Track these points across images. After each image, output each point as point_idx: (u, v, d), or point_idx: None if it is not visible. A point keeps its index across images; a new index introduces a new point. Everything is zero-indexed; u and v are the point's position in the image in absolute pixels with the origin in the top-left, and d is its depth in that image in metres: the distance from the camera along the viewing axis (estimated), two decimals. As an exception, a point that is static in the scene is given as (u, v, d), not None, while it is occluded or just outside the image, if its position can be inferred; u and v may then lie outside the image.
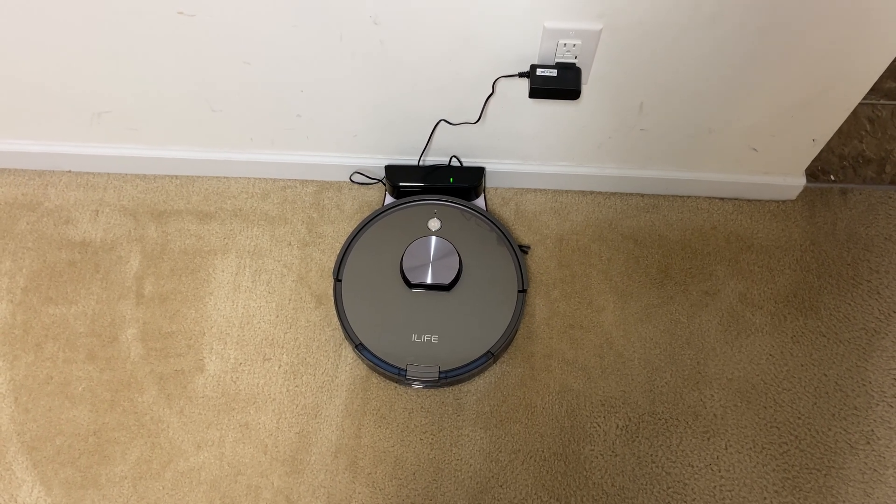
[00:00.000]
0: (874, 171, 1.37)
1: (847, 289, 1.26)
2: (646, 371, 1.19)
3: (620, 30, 0.96)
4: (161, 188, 1.35)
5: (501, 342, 1.13)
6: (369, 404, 1.17)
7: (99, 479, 1.12)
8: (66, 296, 1.25)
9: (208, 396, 1.18)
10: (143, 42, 1.04)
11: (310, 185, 1.35)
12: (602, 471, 1.12)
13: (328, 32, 1.00)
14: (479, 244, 1.19)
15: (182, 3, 0.96)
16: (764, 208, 1.33)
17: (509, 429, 1.15)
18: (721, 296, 1.25)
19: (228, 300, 1.25)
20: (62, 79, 1.13)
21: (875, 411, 1.16)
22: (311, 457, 1.14)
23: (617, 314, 1.24)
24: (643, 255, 1.29)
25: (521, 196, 1.34)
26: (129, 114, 1.22)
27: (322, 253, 1.29)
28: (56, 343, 1.22)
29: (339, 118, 1.19)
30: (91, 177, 1.36)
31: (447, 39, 0.99)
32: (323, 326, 1.23)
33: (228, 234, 1.31)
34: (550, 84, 1.01)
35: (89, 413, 1.16)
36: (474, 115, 1.15)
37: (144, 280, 1.27)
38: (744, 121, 1.14)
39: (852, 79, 1.04)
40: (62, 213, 1.33)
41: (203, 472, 1.13)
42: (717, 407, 1.17)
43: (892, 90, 1.44)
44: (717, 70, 1.03)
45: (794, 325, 1.23)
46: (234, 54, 1.05)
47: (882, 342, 1.21)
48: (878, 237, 1.30)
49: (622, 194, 1.34)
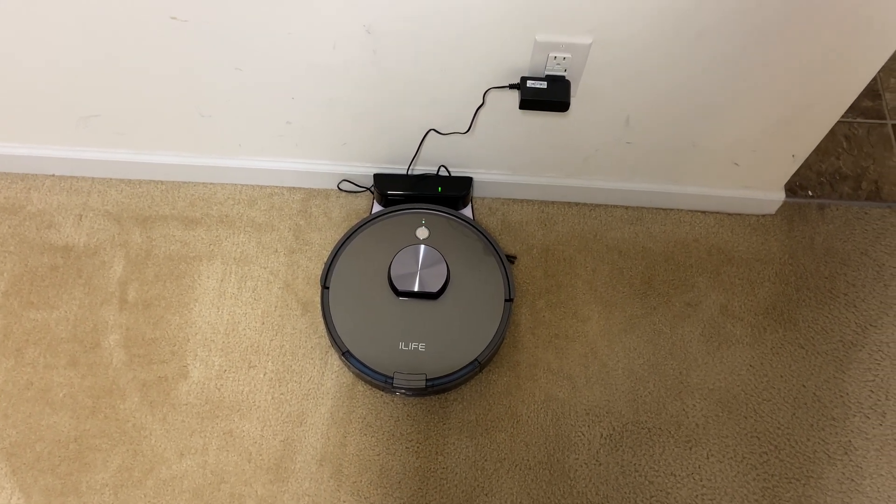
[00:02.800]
0: (850, 187, 1.40)
1: (825, 302, 1.28)
2: (629, 381, 1.21)
3: (610, 44, 0.98)
4: (146, 193, 1.34)
5: (488, 351, 1.13)
6: (355, 412, 1.17)
7: (79, 486, 1.10)
8: (47, 300, 1.24)
9: (192, 404, 1.17)
10: (135, 46, 1.04)
11: (297, 192, 1.35)
12: (586, 480, 1.13)
13: (321, 41, 1.00)
14: (467, 253, 1.20)
15: (176, 8, 0.96)
16: (744, 222, 1.36)
17: (494, 437, 1.16)
18: (703, 307, 1.27)
19: (214, 307, 1.25)
20: (51, 82, 1.12)
21: (852, 422, 1.18)
22: (295, 465, 1.13)
23: (601, 324, 1.25)
24: (627, 266, 1.31)
25: (508, 206, 1.36)
26: (117, 118, 1.21)
27: (309, 260, 1.29)
28: (37, 348, 1.20)
29: (329, 126, 1.20)
30: (75, 181, 1.35)
31: (439, 50, 1.01)
32: (309, 334, 1.23)
33: (214, 240, 1.30)
34: (540, 96, 1.02)
35: (70, 419, 1.15)
36: (464, 125, 1.16)
37: (128, 285, 1.26)
38: (727, 136, 1.17)
39: (832, 98, 1.07)
40: (45, 217, 1.31)
41: (186, 480, 1.11)
42: (698, 416, 1.18)
43: (869, 109, 1.49)
44: (702, 86, 1.05)
45: (774, 336, 1.25)
46: (226, 60, 1.06)
47: (858, 354, 1.24)
48: (855, 252, 1.33)
49: (607, 206, 1.36)
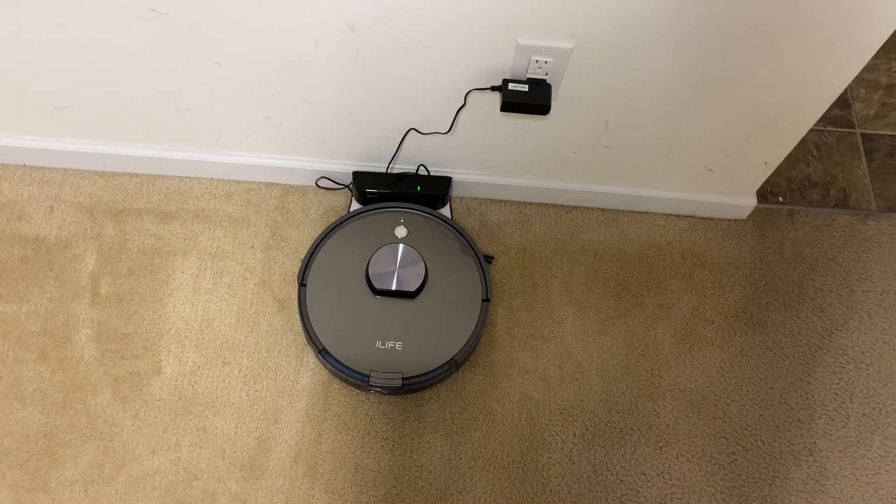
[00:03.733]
0: (819, 194, 1.43)
1: (793, 306, 1.32)
2: (603, 381, 1.23)
3: (591, 50, 0.99)
4: (120, 186, 1.32)
5: (464, 350, 1.14)
6: (330, 410, 1.17)
7: (49, 482, 1.09)
8: (17, 293, 1.21)
9: (165, 400, 1.16)
10: (114, 37, 1.02)
11: (275, 188, 1.35)
12: (559, 478, 1.15)
13: (304, 37, 1.00)
14: (445, 253, 1.21)
15: (156, 0, 0.95)
16: (717, 226, 1.38)
17: (469, 436, 1.17)
18: (675, 309, 1.30)
19: (188, 302, 1.23)
20: (24, 70, 1.10)
21: (817, 424, 1.22)
22: (269, 462, 1.13)
23: (576, 325, 1.27)
24: (602, 267, 1.32)
25: (486, 206, 1.36)
26: (92, 109, 1.19)
27: (286, 257, 1.28)
28: (6, 342, 1.18)
29: (309, 123, 1.19)
30: (47, 172, 1.32)
31: (423, 50, 1.01)
32: (285, 331, 1.22)
33: (189, 234, 1.29)
34: (521, 98, 1.03)
35: (40, 415, 1.13)
36: (445, 125, 1.16)
37: (100, 279, 1.24)
38: (702, 142, 1.19)
39: (804, 107, 1.10)
40: (15, 208, 1.29)
41: (158, 477, 1.10)
42: (669, 417, 1.21)
43: (839, 118, 1.52)
44: (679, 93, 1.07)
45: (743, 339, 1.28)
46: (206, 54, 1.05)
47: (824, 358, 1.27)
48: (823, 257, 1.36)
49: (583, 208, 1.38)
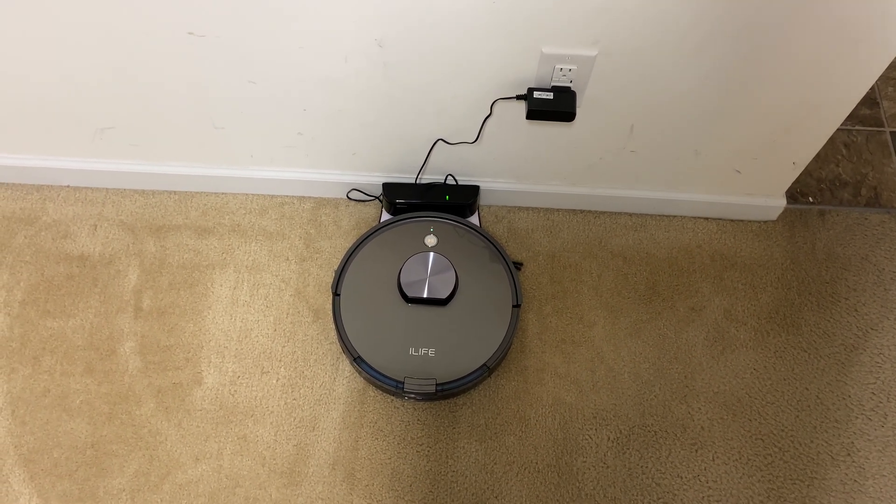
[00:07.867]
0: (850, 193, 1.43)
1: (826, 306, 1.31)
2: (636, 385, 1.23)
3: (614, 56, 1.00)
4: (160, 203, 1.37)
5: (497, 356, 1.16)
6: (366, 417, 1.19)
7: (97, 491, 1.12)
8: (63, 309, 1.26)
9: (206, 409, 1.19)
10: (152, 60, 1.06)
11: (307, 201, 1.38)
12: (594, 482, 1.15)
13: (334, 54, 1.03)
14: (475, 260, 1.22)
15: (193, 24, 0.99)
16: (746, 228, 1.38)
17: (503, 441, 1.18)
18: (706, 312, 1.30)
19: (226, 314, 1.27)
20: (69, 95, 1.15)
21: (854, 424, 1.20)
22: (308, 469, 1.15)
23: (607, 329, 1.28)
24: (631, 272, 1.33)
25: (514, 214, 1.38)
26: (132, 130, 1.24)
27: (319, 268, 1.32)
28: (54, 356, 1.22)
29: (340, 137, 1.22)
30: (90, 192, 1.37)
31: (448, 63, 1.03)
32: (320, 340, 1.25)
33: (227, 248, 1.33)
34: (546, 106, 1.05)
35: (87, 426, 1.17)
36: (472, 135, 1.19)
37: (143, 294, 1.28)
38: (729, 144, 1.20)
39: (831, 106, 1.10)
40: (60, 227, 1.34)
41: (201, 485, 1.14)
42: (704, 420, 1.20)
43: (867, 116, 1.51)
44: (703, 95, 1.08)
45: (777, 340, 1.27)
46: (240, 74, 1.08)
47: (860, 357, 1.26)
48: (855, 257, 1.35)
49: (611, 213, 1.39)
